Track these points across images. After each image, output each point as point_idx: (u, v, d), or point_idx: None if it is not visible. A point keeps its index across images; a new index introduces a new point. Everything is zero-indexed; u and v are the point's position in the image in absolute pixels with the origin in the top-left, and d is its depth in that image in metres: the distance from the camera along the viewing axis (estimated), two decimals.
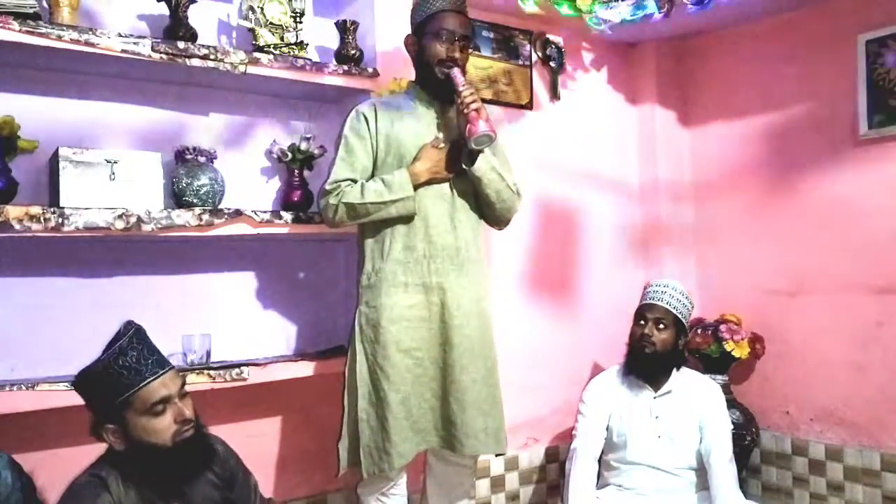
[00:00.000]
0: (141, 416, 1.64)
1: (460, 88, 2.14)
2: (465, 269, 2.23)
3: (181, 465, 1.70)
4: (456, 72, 2.17)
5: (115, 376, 1.62)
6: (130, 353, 1.65)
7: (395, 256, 2.19)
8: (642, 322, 2.65)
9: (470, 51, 2.33)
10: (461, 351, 2.19)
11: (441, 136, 2.24)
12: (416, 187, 2.16)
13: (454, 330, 2.19)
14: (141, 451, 1.65)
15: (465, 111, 2.12)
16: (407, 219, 2.19)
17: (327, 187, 2.19)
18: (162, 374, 1.67)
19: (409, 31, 2.30)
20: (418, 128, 2.24)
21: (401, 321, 2.16)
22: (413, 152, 2.20)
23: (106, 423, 1.65)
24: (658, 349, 2.61)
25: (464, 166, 2.20)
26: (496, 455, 2.40)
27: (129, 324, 1.71)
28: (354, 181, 2.19)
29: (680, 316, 2.66)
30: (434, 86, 2.24)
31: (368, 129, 2.22)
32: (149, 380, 1.65)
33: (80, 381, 1.68)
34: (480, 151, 2.17)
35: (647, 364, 2.64)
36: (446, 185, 2.23)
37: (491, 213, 2.31)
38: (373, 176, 2.22)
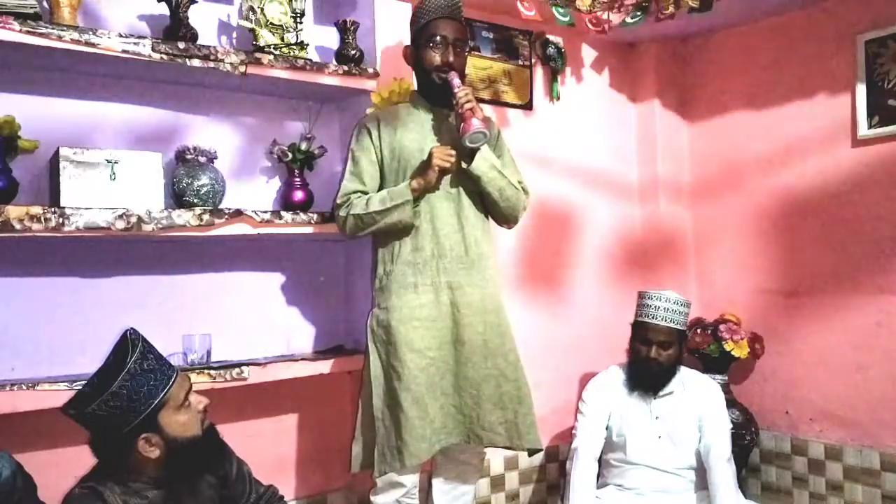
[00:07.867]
0: (176, 412, 1.65)
1: (455, 90, 2.20)
2: (474, 267, 2.26)
3: (212, 451, 1.71)
4: (452, 75, 2.23)
5: (143, 381, 1.61)
6: (149, 356, 1.65)
7: (405, 258, 2.22)
8: (646, 343, 2.64)
9: (468, 53, 2.38)
10: (472, 348, 2.22)
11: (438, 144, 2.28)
12: (425, 190, 2.20)
13: (464, 328, 2.22)
14: (179, 450, 1.65)
15: (461, 111, 2.17)
16: (409, 228, 2.21)
17: (338, 201, 2.28)
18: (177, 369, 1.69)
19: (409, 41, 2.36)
20: (420, 133, 2.30)
21: (411, 321, 2.18)
22: (416, 156, 2.25)
23: (140, 434, 1.61)
24: (665, 366, 2.63)
25: (463, 165, 2.23)
26: (525, 450, 2.29)
27: (134, 331, 1.69)
28: (364, 193, 2.26)
29: (682, 328, 2.67)
30: (433, 92, 2.31)
31: (371, 140, 2.30)
32: (175, 375, 1.67)
33: (102, 402, 1.58)
34: (477, 149, 2.21)
35: (654, 379, 2.66)
36: (453, 185, 2.26)
37: (496, 211, 2.35)
38: (381, 186, 2.29)
